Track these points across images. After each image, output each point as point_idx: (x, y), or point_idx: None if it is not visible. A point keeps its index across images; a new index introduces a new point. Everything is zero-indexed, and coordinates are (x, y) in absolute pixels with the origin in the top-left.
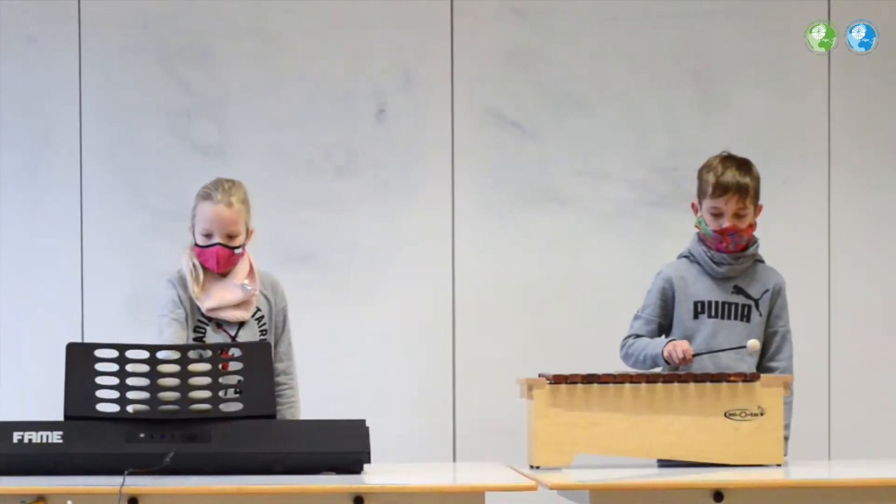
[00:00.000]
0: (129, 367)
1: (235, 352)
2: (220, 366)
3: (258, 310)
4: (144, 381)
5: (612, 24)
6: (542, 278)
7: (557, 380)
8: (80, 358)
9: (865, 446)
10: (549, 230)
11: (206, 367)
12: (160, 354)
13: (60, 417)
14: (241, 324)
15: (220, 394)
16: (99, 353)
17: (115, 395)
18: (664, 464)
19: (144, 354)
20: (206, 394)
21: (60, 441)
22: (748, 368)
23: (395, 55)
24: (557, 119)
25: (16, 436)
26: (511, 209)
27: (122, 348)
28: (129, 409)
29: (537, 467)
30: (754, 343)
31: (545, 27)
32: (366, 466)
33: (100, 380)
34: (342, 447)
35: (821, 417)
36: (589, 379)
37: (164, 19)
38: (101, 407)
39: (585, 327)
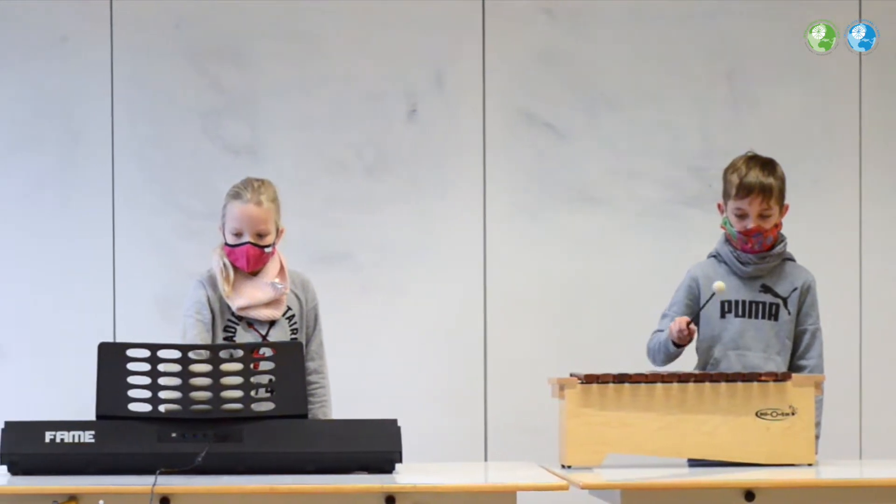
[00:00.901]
0: (161, 367)
1: (267, 351)
2: (251, 365)
3: (289, 308)
4: (176, 381)
5: (643, 25)
6: (574, 278)
7: (589, 379)
8: (111, 357)
9: None
10: (580, 230)
11: (237, 366)
12: (192, 354)
13: (92, 417)
14: (271, 323)
15: (252, 393)
16: (131, 352)
17: (146, 394)
18: (695, 463)
19: (176, 354)
20: (238, 393)
21: (92, 441)
22: (776, 367)
23: (427, 55)
24: (589, 119)
25: (48, 435)
26: (542, 209)
27: (153, 348)
28: (161, 408)
29: (569, 467)
30: (719, 285)
31: (577, 27)
32: (397, 466)
33: (132, 379)
34: (374, 447)
35: (852, 417)
36: (620, 379)
37: (195, 19)
38: (132, 406)
39: (617, 327)
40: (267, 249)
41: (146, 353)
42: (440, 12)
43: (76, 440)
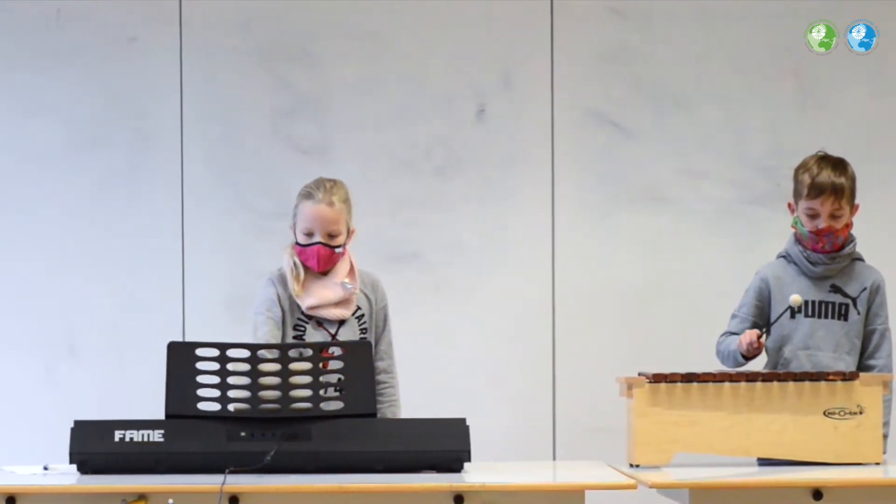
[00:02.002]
0: (230, 366)
1: (336, 350)
2: (320, 364)
3: (358, 308)
4: (245, 380)
5: (711, 24)
6: (642, 277)
7: (657, 378)
8: (181, 357)
9: None
10: (648, 230)
11: (306, 365)
12: (261, 353)
13: (162, 416)
14: (341, 322)
15: (321, 392)
16: (200, 352)
17: (216, 393)
18: (764, 462)
19: (245, 353)
20: (307, 392)
21: (162, 440)
22: (846, 367)
23: (495, 55)
24: (657, 118)
25: (117, 434)
26: (610, 209)
27: (223, 347)
28: (231, 407)
29: (637, 466)
30: (796, 298)
31: (644, 27)
32: (466, 465)
33: (201, 378)
34: (442, 446)
35: None
36: (688, 378)
37: (265, 19)
38: (202, 406)
39: (685, 326)
40: (338, 250)
41: (215, 352)
42: (508, 12)
43: (145, 439)
